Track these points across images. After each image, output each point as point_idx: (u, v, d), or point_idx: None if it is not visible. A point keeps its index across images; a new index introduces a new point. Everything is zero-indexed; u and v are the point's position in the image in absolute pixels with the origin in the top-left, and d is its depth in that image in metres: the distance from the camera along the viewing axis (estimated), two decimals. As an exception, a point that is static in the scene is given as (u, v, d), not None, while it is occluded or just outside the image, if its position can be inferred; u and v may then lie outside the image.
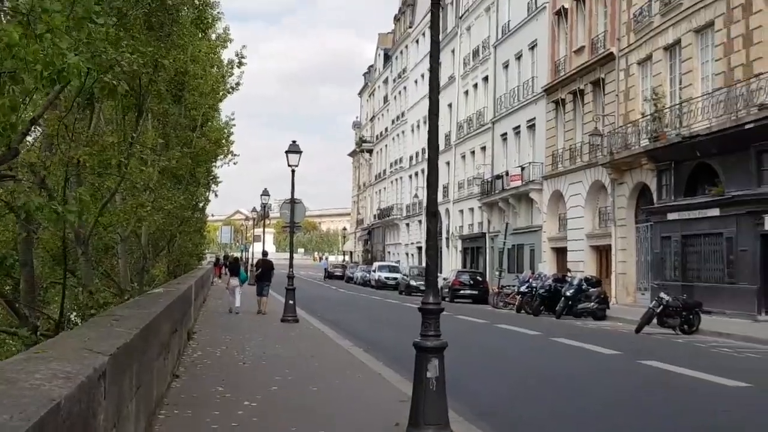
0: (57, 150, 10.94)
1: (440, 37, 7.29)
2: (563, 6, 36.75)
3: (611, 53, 32.06)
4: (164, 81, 20.71)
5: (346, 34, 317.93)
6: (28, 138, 11.61)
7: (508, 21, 44.88)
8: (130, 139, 13.29)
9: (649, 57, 29.97)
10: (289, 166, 22.59)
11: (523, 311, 29.28)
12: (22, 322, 11.36)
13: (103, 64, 7.35)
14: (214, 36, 31.20)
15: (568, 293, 26.63)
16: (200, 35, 24.19)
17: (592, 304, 26.53)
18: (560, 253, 37.20)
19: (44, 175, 10.62)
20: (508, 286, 34.24)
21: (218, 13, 27.92)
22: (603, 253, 33.64)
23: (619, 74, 31.73)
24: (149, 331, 7.02)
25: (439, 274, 51.46)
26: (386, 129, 78.68)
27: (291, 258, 23.77)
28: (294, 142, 22.87)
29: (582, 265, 33.08)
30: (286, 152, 22.61)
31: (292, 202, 23.64)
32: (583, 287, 26.86)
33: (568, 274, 29.25)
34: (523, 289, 29.73)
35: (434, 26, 7.75)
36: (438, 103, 7.73)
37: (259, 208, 58.88)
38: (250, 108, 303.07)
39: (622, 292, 31.10)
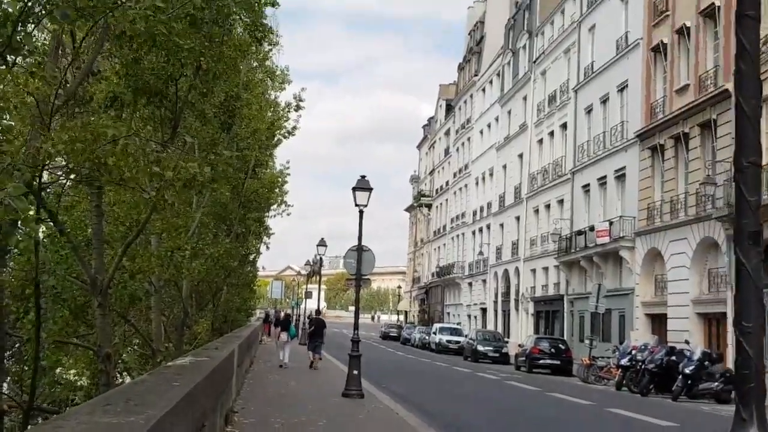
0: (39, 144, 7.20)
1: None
2: (662, 41, 32.57)
3: (725, 90, 27.72)
4: (212, 106, 17.35)
5: (399, 94, 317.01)
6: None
7: (592, 62, 40.82)
8: (154, 145, 9.59)
9: (773, 93, 25.63)
10: (356, 205, 18.66)
11: (625, 389, 24.81)
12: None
13: None
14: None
15: (687, 370, 22.11)
16: (254, 50, 20.77)
17: (716, 384, 22.13)
18: (657, 320, 32.33)
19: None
20: (602, 357, 29.58)
21: (274, 36, 24.47)
22: (713, 322, 28.71)
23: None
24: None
25: (507, 339, 46.02)
26: (447, 183, 74.69)
27: (356, 318, 19.58)
28: (363, 177, 18.99)
29: (687, 335, 28.23)
30: (354, 189, 18.67)
31: (359, 250, 19.57)
32: (705, 364, 22.33)
33: (686, 345, 24.53)
34: (624, 362, 25.24)
35: None
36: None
37: (312, 262, 55.20)
38: (302, 166, 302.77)
39: (741, 369, 26.14)
